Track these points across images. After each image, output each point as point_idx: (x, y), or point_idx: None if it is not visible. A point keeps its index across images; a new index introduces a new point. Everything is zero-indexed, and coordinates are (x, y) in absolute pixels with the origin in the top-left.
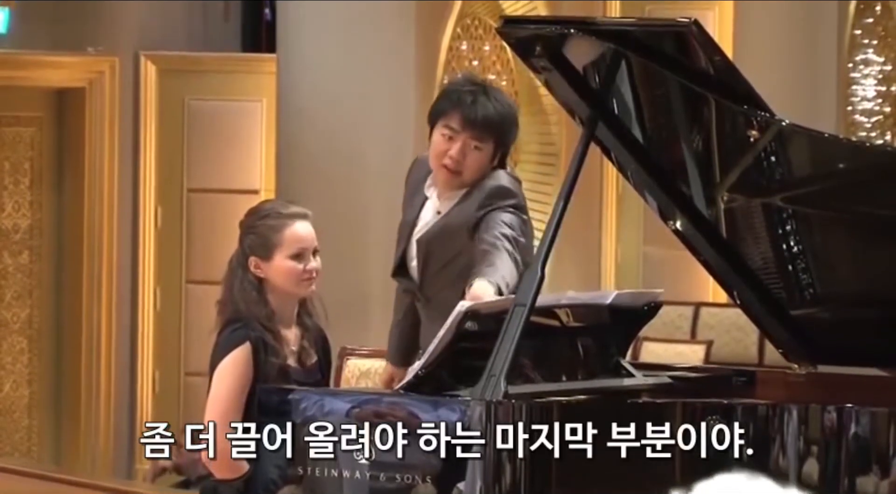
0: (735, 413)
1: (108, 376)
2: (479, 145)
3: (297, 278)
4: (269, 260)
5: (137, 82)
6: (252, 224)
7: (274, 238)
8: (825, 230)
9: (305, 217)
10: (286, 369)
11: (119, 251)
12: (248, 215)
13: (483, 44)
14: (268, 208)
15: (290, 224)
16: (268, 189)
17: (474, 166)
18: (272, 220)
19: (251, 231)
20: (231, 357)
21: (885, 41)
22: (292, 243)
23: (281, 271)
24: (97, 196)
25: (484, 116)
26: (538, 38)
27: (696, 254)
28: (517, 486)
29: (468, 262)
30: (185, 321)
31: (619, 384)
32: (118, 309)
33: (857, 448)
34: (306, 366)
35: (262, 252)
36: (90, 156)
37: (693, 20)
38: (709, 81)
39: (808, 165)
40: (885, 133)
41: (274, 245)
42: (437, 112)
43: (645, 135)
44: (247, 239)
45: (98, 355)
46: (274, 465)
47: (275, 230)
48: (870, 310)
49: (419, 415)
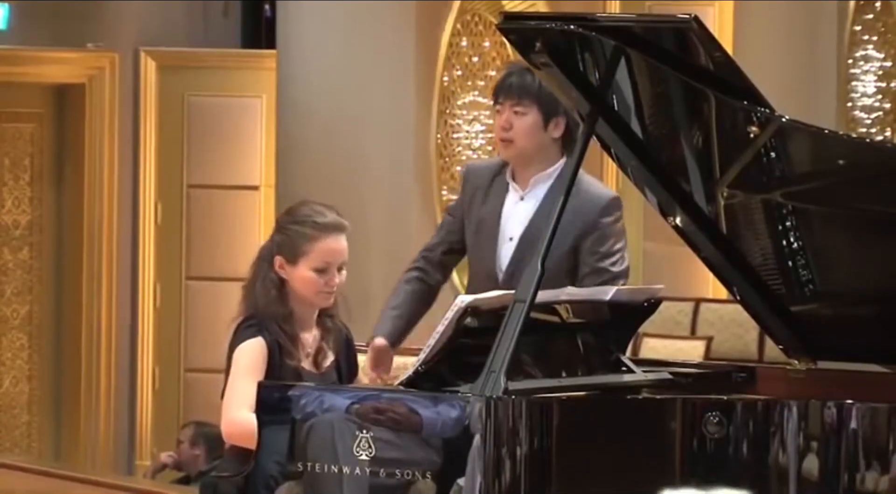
0: (735, 409)
1: (109, 372)
2: (521, 110)
3: (316, 290)
4: (293, 265)
5: (137, 78)
6: (286, 225)
7: (303, 248)
8: (825, 227)
9: (341, 230)
10: (300, 371)
11: (119, 247)
12: (285, 213)
13: (483, 40)
14: (306, 213)
15: (322, 237)
16: (267, 185)
17: (521, 132)
18: (307, 228)
19: (284, 232)
20: (247, 343)
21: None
22: (319, 257)
23: (302, 280)
24: (97, 192)
25: (520, 84)
26: (538, 34)
27: (696, 250)
28: (517, 482)
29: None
30: (186, 317)
31: (618, 380)
32: (118, 305)
33: (857, 443)
34: (321, 369)
35: (288, 255)
36: (90, 152)
37: (693, 17)
38: (709, 77)
39: (808, 161)
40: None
41: (301, 253)
42: (493, 99)
43: (645, 131)
44: (278, 237)
45: (98, 351)
46: (274, 461)
47: (306, 239)
48: (870, 306)
49: (419, 411)
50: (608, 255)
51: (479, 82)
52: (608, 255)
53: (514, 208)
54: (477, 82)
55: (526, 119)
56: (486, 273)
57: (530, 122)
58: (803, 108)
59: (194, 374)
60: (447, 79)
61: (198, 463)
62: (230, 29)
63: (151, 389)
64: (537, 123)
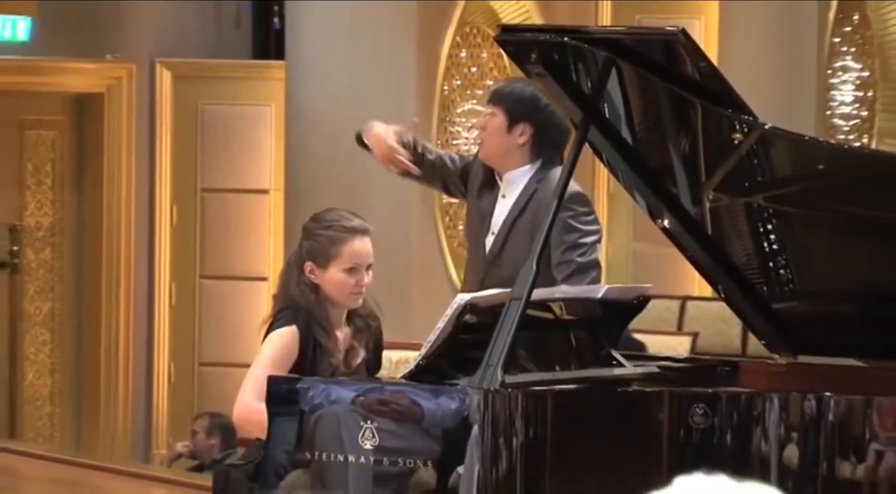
0: (719, 401)
1: (126, 366)
2: (490, 112)
3: (347, 291)
4: (324, 269)
5: (153, 88)
6: (314, 231)
7: (333, 250)
8: (805, 229)
9: (366, 233)
10: (334, 370)
11: (136, 248)
12: (312, 221)
13: (481, 51)
14: (332, 218)
15: (350, 240)
16: (277, 188)
17: (489, 133)
18: (334, 232)
19: (313, 238)
20: (279, 332)
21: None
22: (349, 259)
23: (333, 282)
24: (115, 195)
25: (496, 89)
26: (534, 46)
27: (683, 251)
28: (513, 470)
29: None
30: (199, 314)
31: (609, 374)
32: (135, 303)
33: (835, 434)
34: (352, 366)
35: (319, 260)
36: (108, 157)
37: (681, 29)
38: (695, 86)
39: (789, 166)
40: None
41: (332, 257)
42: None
43: (634, 137)
44: (307, 243)
45: (116, 346)
46: (283, 450)
47: (335, 243)
48: (847, 304)
49: (420, 403)
50: (574, 246)
51: (477, 91)
52: (574, 246)
53: (499, 204)
54: (475, 91)
55: (494, 121)
56: (475, 262)
57: (496, 124)
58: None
59: (208, 368)
60: (447, 88)
61: (213, 452)
62: (241, 41)
63: (167, 382)
64: (503, 123)
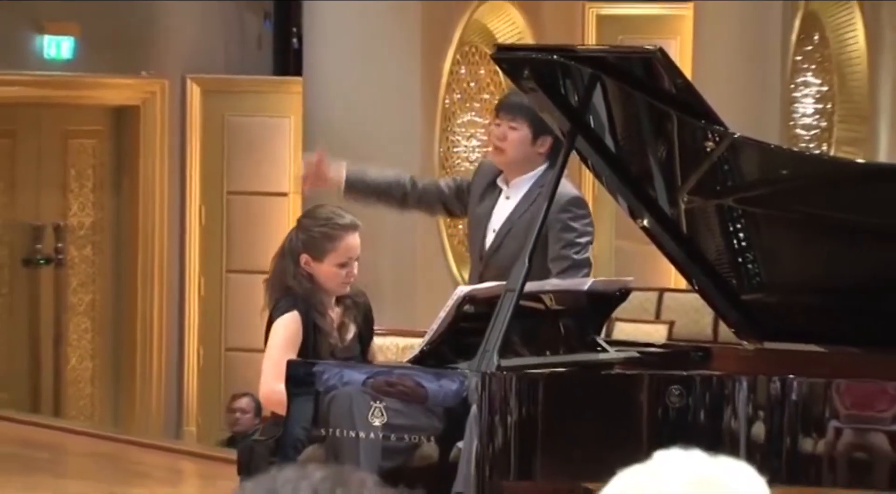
0: (694, 383)
1: (160, 351)
2: (514, 126)
3: (339, 281)
4: (319, 262)
5: (184, 101)
6: (309, 227)
7: (328, 245)
8: (770, 227)
9: (356, 228)
10: (331, 346)
11: (169, 245)
12: (306, 216)
13: (479, 68)
14: (326, 215)
15: (344, 236)
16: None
17: (512, 144)
18: (329, 229)
19: (308, 233)
20: (283, 318)
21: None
22: (343, 253)
23: (327, 274)
24: (150, 198)
25: (518, 104)
26: (526, 63)
27: (661, 247)
28: (508, 445)
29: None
30: (226, 304)
31: (594, 359)
32: (168, 295)
33: (798, 413)
34: (346, 341)
35: (314, 253)
36: (144, 163)
37: (659, 48)
38: (672, 99)
39: (756, 171)
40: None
41: (327, 251)
42: (494, 113)
43: (617, 146)
44: (303, 236)
45: (151, 333)
46: (301, 427)
47: (330, 239)
48: (809, 296)
49: (424, 384)
50: (570, 244)
51: (475, 104)
52: (570, 244)
53: (500, 205)
54: (474, 104)
55: (518, 134)
56: (475, 258)
57: (521, 136)
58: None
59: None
60: (448, 101)
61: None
62: (263, 59)
63: (196, 366)
64: (527, 137)
